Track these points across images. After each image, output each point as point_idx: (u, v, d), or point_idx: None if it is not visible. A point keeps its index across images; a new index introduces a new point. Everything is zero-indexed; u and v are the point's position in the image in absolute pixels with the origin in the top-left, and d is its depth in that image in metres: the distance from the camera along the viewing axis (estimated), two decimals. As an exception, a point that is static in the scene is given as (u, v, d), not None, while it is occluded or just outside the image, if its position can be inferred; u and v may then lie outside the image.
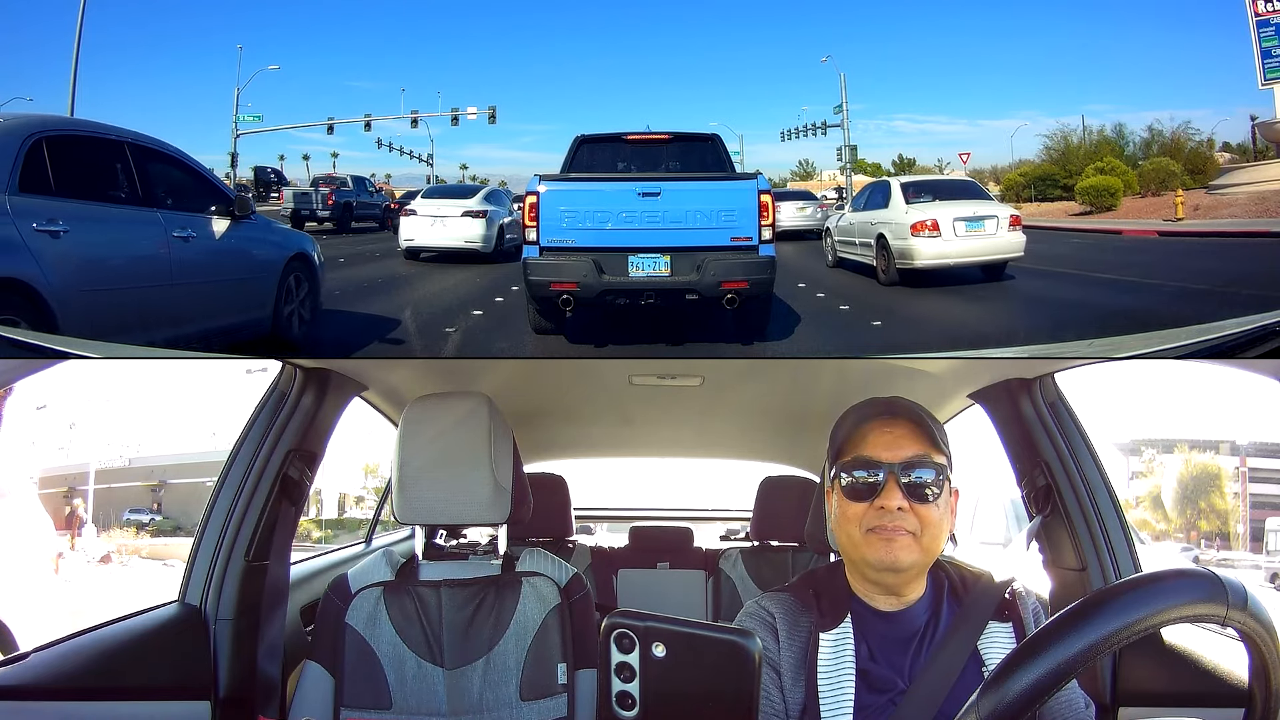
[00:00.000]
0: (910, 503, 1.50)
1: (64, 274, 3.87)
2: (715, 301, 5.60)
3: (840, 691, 1.49)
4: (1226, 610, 1.02)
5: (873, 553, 1.50)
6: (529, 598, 2.05)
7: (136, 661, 2.11)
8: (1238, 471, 27.46)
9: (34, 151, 3.92)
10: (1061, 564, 2.29)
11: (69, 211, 4.03)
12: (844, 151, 31.66)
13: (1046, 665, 0.99)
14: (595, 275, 5.51)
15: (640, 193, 5.60)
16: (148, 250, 4.56)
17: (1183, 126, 26.76)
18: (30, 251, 3.76)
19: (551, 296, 5.60)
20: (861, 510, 1.52)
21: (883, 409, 1.58)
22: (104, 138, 4.45)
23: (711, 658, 0.84)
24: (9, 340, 2.82)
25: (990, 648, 1.54)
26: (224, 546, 2.27)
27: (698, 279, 5.52)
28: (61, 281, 3.84)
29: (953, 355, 3.24)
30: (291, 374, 2.43)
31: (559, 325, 6.18)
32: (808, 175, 41.19)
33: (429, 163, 36.95)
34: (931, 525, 1.51)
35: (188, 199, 4.94)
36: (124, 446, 25.64)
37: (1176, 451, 28.62)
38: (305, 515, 13.60)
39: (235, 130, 29.84)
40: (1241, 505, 26.12)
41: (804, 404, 3.58)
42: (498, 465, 2.04)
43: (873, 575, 1.54)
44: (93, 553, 18.40)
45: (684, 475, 5.49)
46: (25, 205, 3.83)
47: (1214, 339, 2.25)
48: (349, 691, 1.98)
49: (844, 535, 1.55)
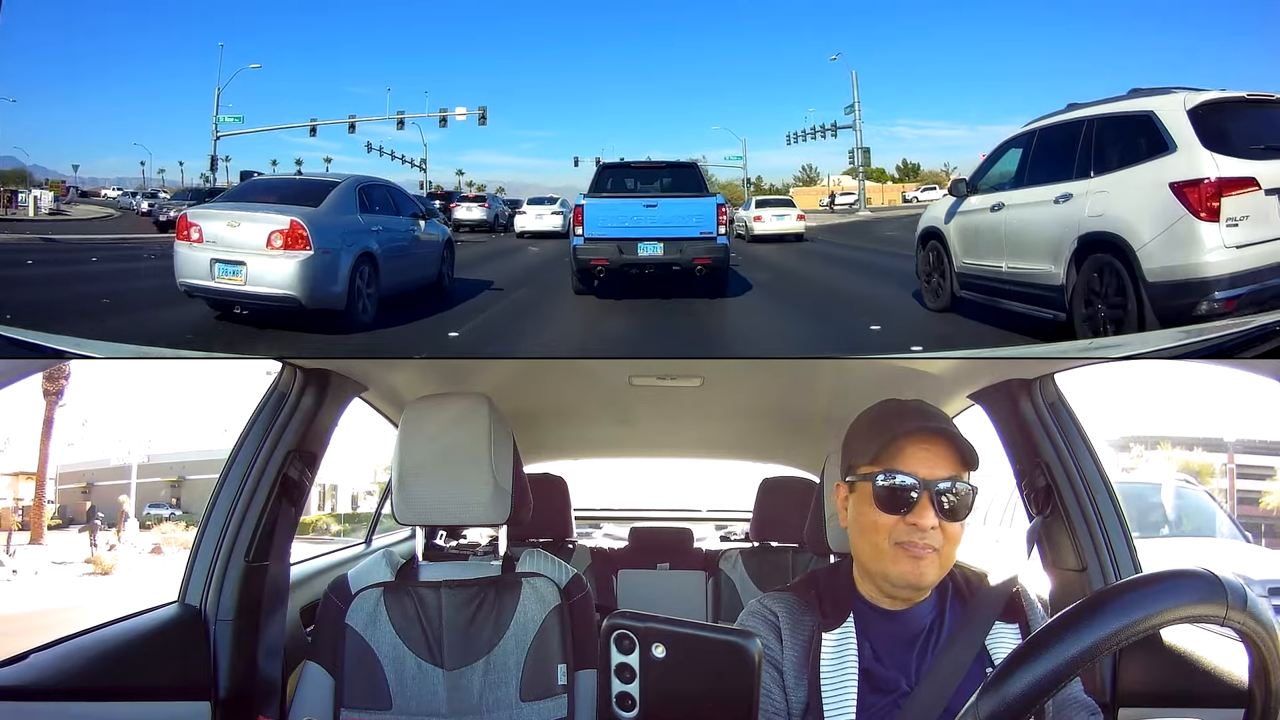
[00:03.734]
0: (941, 520, 1.50)
1: (383, 248, 7.55)
2: (690, 271, 8.81)
3: (843, 691, 1.49)
4: (1226, 610, 1.01)
5: (897, 568, 1.50)
6: (529, 598, 2.04)
7: (136, 662, 2.11)
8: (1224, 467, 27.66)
9: (362, 191, 7.73)
10: (1061, 564, 2.29)
11: (379, 221, 7.77)
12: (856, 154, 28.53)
13: (1047, 665, 0.99)
14: (617, 254, 8.69)
15: (644, 205, 9.06)
16: (405, 238, 8.32)
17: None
18: (374, 238, 7.48)
19: (591, 268, 8.81)
20: (892, 523, 1.51)
21: (921, 423, 1.56)
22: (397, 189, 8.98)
23: (711, 658, 0.84)
24: (9, 340, 2.83)
25: (997, 648, 1.54)
26: (224, 547, 2.27)
27: (680, 256, 8.73)
28: (382, 251, 7.48)
29: (953, 355, 3.24)
30: (291, 374, 2.43)
31: (591, 288, 9.06)
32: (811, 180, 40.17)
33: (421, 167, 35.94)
34: (954, 541, 1.52)
35: (411, 209, 8.78)
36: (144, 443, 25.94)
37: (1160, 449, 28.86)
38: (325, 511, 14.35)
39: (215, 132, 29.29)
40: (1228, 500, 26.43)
41: (804, 404, 3.58)
42: (498, 466, 2.04)
43: (890, 589, 1.54)
44: (141, 545, 19.08)
45: (684, 475, 5.50)
46: (366, 219, 7.58)
47: (1214, 339, 2.25)
48: (349, 692, 1.98)
49: (867, 544, 1.54)
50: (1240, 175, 5.13)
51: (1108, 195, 5.62)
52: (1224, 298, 5.05)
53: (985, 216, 6.89)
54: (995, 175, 7.03)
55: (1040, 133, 6.55)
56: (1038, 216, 6.19)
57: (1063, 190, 5.95)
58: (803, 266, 13.10)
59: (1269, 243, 5.18)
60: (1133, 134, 5.64)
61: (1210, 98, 5.41)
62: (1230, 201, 5.12)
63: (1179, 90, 5.58)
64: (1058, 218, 5.96)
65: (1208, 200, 5.12)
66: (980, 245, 7.01)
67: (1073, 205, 5.84)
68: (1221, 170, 5.15)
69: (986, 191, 7.00)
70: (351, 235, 7.14)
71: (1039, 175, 6.36)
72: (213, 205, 7.57)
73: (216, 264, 6.70)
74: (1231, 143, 5.26)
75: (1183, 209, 5.15)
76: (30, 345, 2.78)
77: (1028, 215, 6.34)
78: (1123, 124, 5.76)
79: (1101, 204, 5.63)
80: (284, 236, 6.55)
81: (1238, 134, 5.30)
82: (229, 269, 6.67)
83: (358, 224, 7.34)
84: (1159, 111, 5.46)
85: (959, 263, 7.34)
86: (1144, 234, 5.31)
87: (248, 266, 6.60)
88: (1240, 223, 5.12)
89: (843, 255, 15.60)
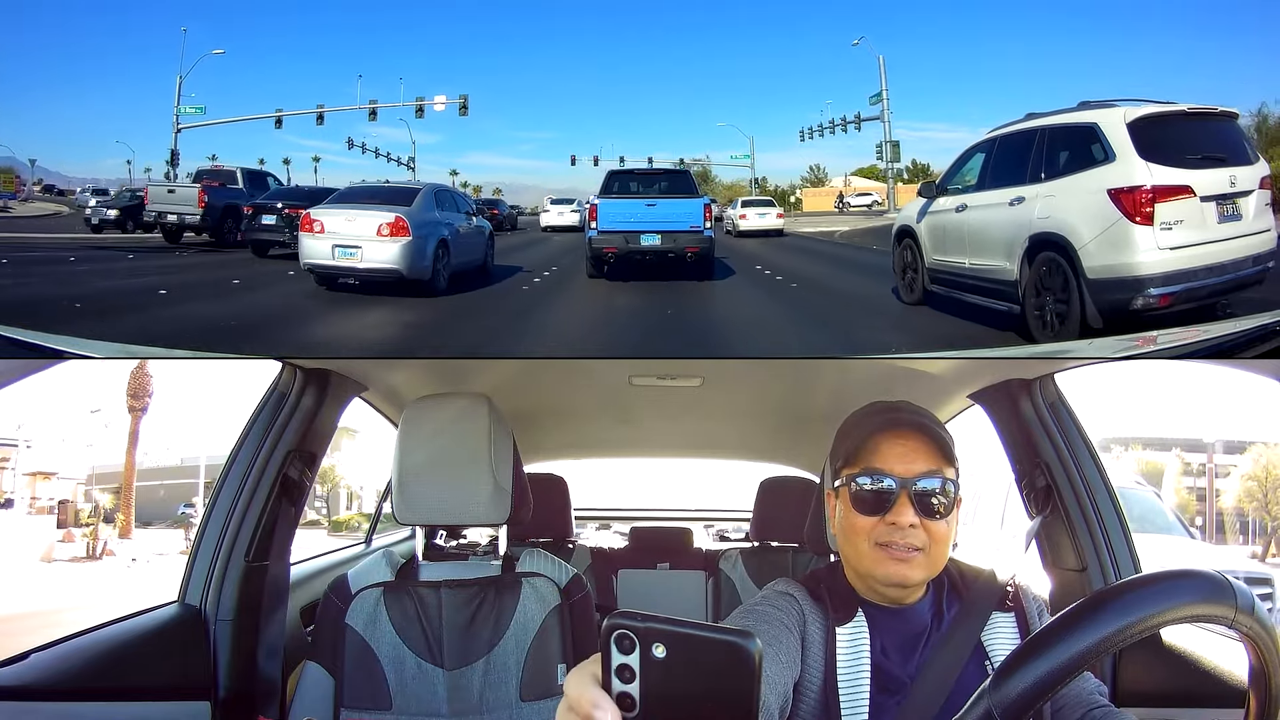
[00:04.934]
0: (921, 518, 1.47)
1: (452, 236, 10.21)
2: (682, 257, 11.00)
3: (858, 684, 1.48)
4: (1235, 613, 1.03)
5: (881, 569, 1.48)
6: (529, 598, 2.04)
7: (136, 661, 2.11)
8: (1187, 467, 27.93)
9: (436, 194, 10.59)
10: (1061, 564, 2.29)
11: (449, 217, 10.44)
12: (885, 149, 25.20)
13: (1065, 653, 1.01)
14: (624, 244, 10.84)
15: (646, 204, 11.24)
16: (464, 229, 10.93)
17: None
18: (446, 229, 10.09)
19: (603, 256, 10.99)
20: (871, 524, 1.48)
21: (894, 419, 1.54)
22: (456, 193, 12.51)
23: (712, 658, 0.83)
24: (9, 340, 2.82)
25: (994, 639, 1.54)
26: (224, 547, 2.27)
27: (674, 245, 10.90)
28: (452, 238, 10.17)
29: (953, 355, 3.24)
30: (292, 374, 2.43)
31: (602, 272, 11.20)
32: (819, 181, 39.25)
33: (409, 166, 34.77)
34: (941, 541, 1.49)
35: (466, 208, 11.67)
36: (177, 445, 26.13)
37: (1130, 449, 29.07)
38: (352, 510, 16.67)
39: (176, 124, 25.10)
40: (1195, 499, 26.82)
41: (804, 404, 3.58)
42: (497, 465, 2.04)
43: (878, 588, 1.53)
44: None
45: (684, 475, 5.50)
46: (440, 215, 10.20)
47: (1214, 339, 2.25)
48: (349, 692, 1.98)
49: (850, 547, 1.53)
50: (1175, 183, 5.63)
51: (1055, 199, 6.14)
52: (1158, 294, 5.57)
53: (951, 217, 7.46)
54: (961, 178, 7.60)
55: (1000, 140, 7.11)
56: (995, 217, 6.75)
57: (1016, 194, 6.50)
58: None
59: (1203, 245, 5.63)
60: (1078, 144, 6.14)
61: (1149, 111, 5.90)
62: (1164, 207, 5.59)
63: (1122, 104, 6.04)
64: (1012, 219, 6.49)
65: (1142, 206, 5.60)
66: (947, 243, 7.57)
67: (1025, 208, 6.38)
68: (1156, 179, 5.62)
69: (953, 194, 7.56)
70: (432, 226, 9.83)
71: (997, 179, 6.91)
72: (327, 206, 9.99)
73: (336, 248, 9.35)
74: (1168, 153, 5.72)
75: (1119, 213, 5.65)
76: (30, 345, 2.78)
77: (986, 216, 6.90)
78: (1070, 134, 6.25)
79: (1049, 207, 6.16)
80: (390, 227, 9.24)
81: (1175, 145, 5.79)
82: (347, 251, 9.32)
83: (436, 218, 10.02)
84: (1101, 124, 5.95)
85: (929, 259, 7.89)
86: (1085, 235, 5.81)
87: (362, 249, 9.25)
88: (1175, 226, 5.60)
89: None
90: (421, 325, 8.18)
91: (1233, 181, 5.79)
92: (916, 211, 8.14)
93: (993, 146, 7.21)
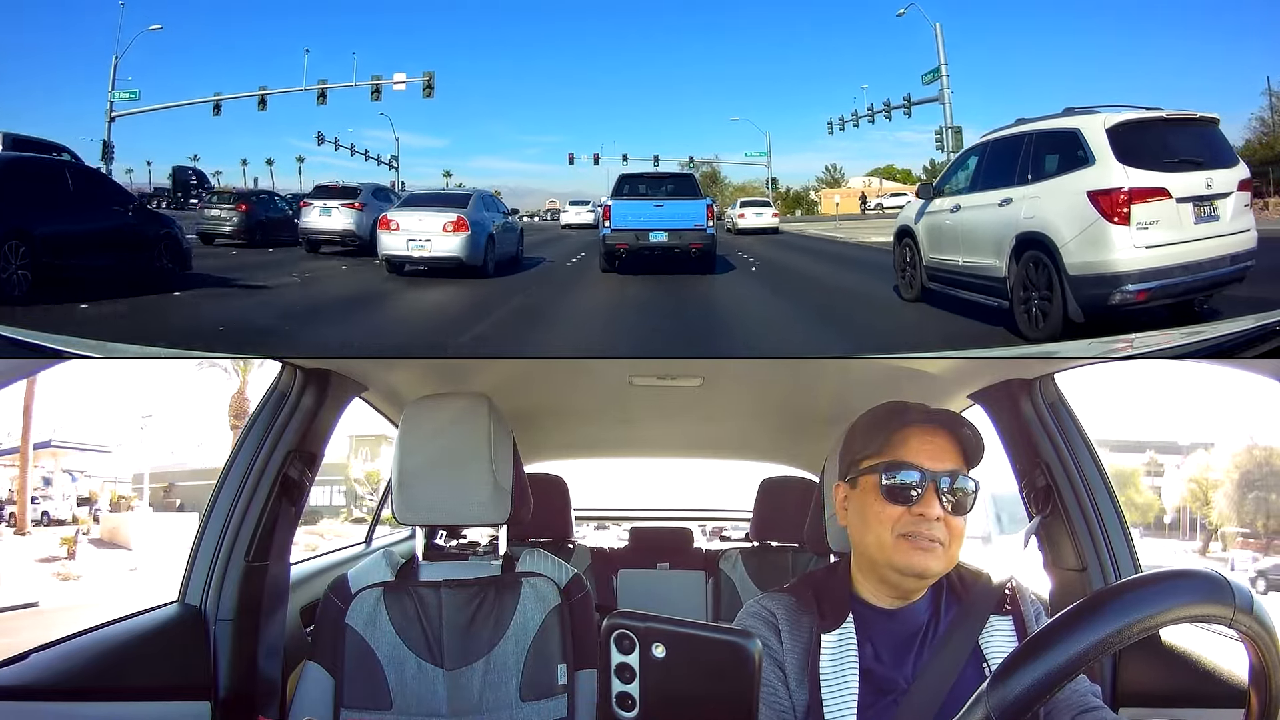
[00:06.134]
0: (946, 514, 1.51)
1: (496, 232, 12.92)
2: (687, 253, 12.23)
3: (844, 693, 1.49)
4: (1234, 612, 1.03)
5: (902, 558, 1.51)
6: (529, 598, 2.04)
7: (136, 661, 2.11)
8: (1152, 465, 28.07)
9: (483, 199, 13.36)
10: (1061, 564, 2.29)
11: (493, 216, 13.29)
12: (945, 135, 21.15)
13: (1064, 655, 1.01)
14: (634, 241, 12.14)
15: (654, 205, 12.52)
16: (504, 226, 13.52)
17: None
18: (492, 226, 12.90)
19: (615, 251, 12.28)
20: (897, 514, 1.52)
21: (926, 415, 1.59)
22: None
23: (711, 658, 0.84)
24: (9, 340, 2.83)
25: (991, 643, 1.55)
26: (224, 546, 2.27)
27: (680, 242, 12.15)
28: (496, 234, 12.89)
29: (953, 355, 3.24)
30: (292, 374, 2.43)
31: (614, 267, 12.46)
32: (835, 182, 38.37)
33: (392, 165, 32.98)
34: (959, 537, 1.53)
35: (503, 209, 14.43)
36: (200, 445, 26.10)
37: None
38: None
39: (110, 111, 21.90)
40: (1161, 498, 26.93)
41: (804, 404, 3.57)
42: (497, 465, 2.04)
43: (894, 579, 1.54)
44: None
45: (684, 475, 5.50)
46: (487, 215, 13.05)
47: (1214, 339, 2.25)
48: (349, 692, 1.98)
49: (871, 536, 1.55)
50: (1152, 186, 5.98)
51: (1039, 200, 6.53)
52: (1135, 290, 5.92)
53: (946, 217, 7.87)
54: (956, 180, 8.02)
55: (992, 144, 7.57)
56: (985, 218, 7.15)
57: (1005, 195, 6.91)
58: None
59: (1180, 244, 5.95)
60: (1062, 148, 6.54)
61: (1128, 118, 6.27)
62: (1141, 208, 5.91)
63: (1103, 110, 6.37)
64: (1000, 219, 6.89)
65: (1119, 207, 5.96)
66: (942, 242, 7.98)
67: (1012, 208, 6.79)
68: (1133, 181, 5.98)
69: (949, 195, 7.96)
70: (483, 223, 12.56)
71: (989, 181, 7.33)
72: (400, 209, 12.69)
73: (410, 241, 12.02)
74: (1146, 157, 6.08)
75: (1097, 214, 6.02)
76: (30, 345, 2.78)
77: (978, 216, 7.30)
78: (1055, 139, 6.64)
79: (1034, 208, 6.55)
80: (454, 224, 11.97)
81: (1153, 149, 6.15)
82: (418, 244, 12.00)
83: (485, 217, 12.79)
84: (1083, 129, 6.33)
85: (926, 257, 8.29)
86: (1066, 234, 6.19)
87: (432, 241, 11.93)
88: (1151, 226, 5.95)
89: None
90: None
91: (1209, 184, 6.11)
92: (915, 212, 8.49)
93: (985, 150, 7.61)
